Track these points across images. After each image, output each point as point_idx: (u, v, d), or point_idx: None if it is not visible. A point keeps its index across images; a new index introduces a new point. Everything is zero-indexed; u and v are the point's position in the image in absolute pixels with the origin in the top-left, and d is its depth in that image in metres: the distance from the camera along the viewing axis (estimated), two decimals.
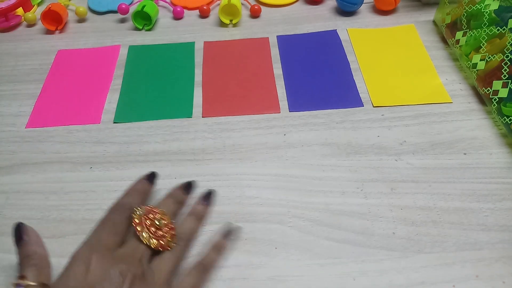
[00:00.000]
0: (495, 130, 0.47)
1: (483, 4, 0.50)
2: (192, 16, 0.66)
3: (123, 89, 0.54)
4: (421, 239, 0.38)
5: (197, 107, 0.52)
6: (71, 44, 0.62)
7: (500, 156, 0.44)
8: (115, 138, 0.48)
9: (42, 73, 0.57)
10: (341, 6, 0.63)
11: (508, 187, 0.42)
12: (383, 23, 0.62)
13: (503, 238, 0.38)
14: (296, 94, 0.52)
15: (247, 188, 0.43)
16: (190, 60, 0.58)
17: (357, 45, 0.58)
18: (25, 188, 0.44)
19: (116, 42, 0.62)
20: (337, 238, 0.38)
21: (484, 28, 0.49)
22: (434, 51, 0.57)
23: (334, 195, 0.42)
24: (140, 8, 0.62)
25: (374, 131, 0.47)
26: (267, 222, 0.40)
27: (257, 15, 0.65)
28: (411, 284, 0.35)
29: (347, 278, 0.36)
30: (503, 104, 0.46)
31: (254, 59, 0.57)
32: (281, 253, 0.38)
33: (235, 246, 0.38)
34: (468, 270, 0.36)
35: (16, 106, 0.53)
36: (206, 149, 0.47)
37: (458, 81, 0.53)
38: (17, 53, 0.61)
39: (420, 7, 0.64)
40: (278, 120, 0.49)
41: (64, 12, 0.64)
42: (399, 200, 0.41)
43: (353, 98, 0.51)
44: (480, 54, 0.49)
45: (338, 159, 0.45)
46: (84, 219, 0.41)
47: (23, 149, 0.48)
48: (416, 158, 0.44)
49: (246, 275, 0.36)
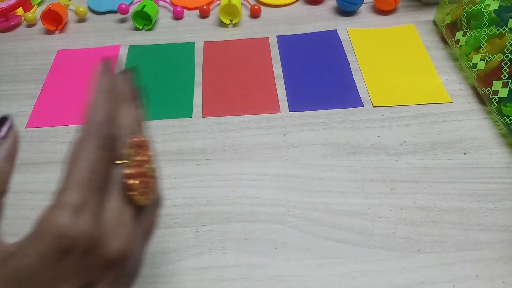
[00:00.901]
0: (495, 130, 0.47)
1: (483, 4, 0.50)
2: (192, 16, 0.66)
3: None
4: (421, 239, 0.38)
5: (197, 107, 0.52)
6: (71, 44, 0.62)
7: (500, 156, 0.44)
8: None
9: (42, 73, 0.57)
10: (341, 6, 0.63)
11: (508, 187, 0.42)
12: (383, 23, 0.62)
13: (503, 238, 0.38)
14: (296, 94, 0.52)
15: (247, 188, 0.43)
16: (190, 60, 0.58)
17: (357, 45, 0.58)
18: (26, 188, 0.44)
19: (116, 42, 0.62)
20: (337, 238, 0.39)
21: (484, 28, 0.49)
22: (434, 51, 0.57)
23: (334, 195, 0.42)
24: (140, 8, 0.62)
25: (374, 131, 0.47)
26: (267, 222, 0.40)
27: (257, 15, 0.65)
28: (411, 284, 0.35)
29: (347, 278, 0.36)
30: (503, 104, 0.46)
31: (254, 59, 0.57)
32: (281, 253, 0.38)
33: (235, 246, 0.38)
34: (468, 270, 0.36)
35: (16, 106, 0.53)
36: (206, 149, 0.47)
37: (458, 81, 0.53)
38: (17, 53, 0.61)
39: (420, 7, 0.64)
40: (278, 120, 0.49)
41: (64, 12, 0.64)
42: (399, 200, 0.41)
43: (353, 98, 0.51)
44: (480, 54, 0.49)
45: (338, 159, 0.45)
46: None
47: (23, 149, 0.48)
48: (416, 158, 0.44)
49: (247, 275, 0.36)
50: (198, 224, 0.40)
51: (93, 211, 0.21)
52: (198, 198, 0.42)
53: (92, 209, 0.21)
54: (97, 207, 0.21)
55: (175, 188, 0.43)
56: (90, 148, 0.22)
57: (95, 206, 0.21)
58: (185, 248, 0.38)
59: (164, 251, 0.38)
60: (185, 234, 0.39)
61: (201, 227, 0.40)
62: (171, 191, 0.43)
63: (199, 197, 0.42)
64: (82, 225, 0.20)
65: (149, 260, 0.38)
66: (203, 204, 0.42)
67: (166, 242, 0.39)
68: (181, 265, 0.37)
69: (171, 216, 0.41)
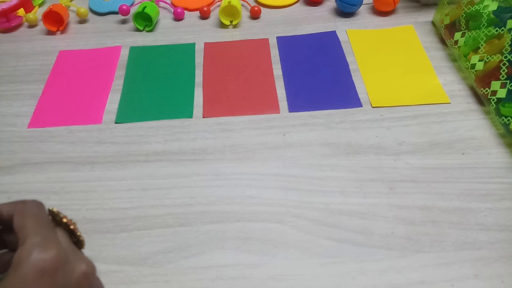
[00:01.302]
0: (493, 130, 0.47)
1: (482, 5, 0.50)
2: (193, 17, 0.66)
3: (124, 90, 0.55)
4: (420, 239, 0.38)
5: (198, 107, 0.52)
6: (72, 45, 0.62)
7: (499, 156, 0.45)
8: (116, 138, 0.49)
9: (44, 74, 0.57)
10: (340, 7, 0.64)
11: (506, 187, 0.42)
12: (382, 24, 0.62)
13: (502, 238, 0.38)
14: (296, 94, 0.52)
15: (247, 188, 0.43)
16: (191, 61, 0.58)
17: (356, 46, 0.59)
18: (26, 188, 0.44)
19: (117, 43, 0.62)
20: (337, 238, 0.39)
21: (483, 28, 0.50)
22: (433, 51, 0.57)
23: (333, 194, 0.42)
24: (141, 9, 0.62)
25: (373, 131, 0.48)
26: (267, 222, 0.40)
27: (257, 16, 0.65)
28: (410, 284, 0.35)
29: (346, 278, 0.36)
30: (502, 104, 0.46)
31: (254, 60, 0.58)
32: (281, 252, 0.38)
33: (235, 246, 0.39)
34: (467, 270, 0.36)
35: (17, 106, 0.53)
36: (206, 149, 0.47)
37: (456, 82, 0.53)
38: (19, 54, 0.61)
39: (419, 8, 0.65)
40: (278, 120, 0.50)
41: (65, 13, 0.64)
42: (398, 200, 0.41)
43: (352, 99, 0.51)
44: (479, 55, 0.49)
45: (337, 159, 0.45)
46: (85, 218, 0.41)
47: (25, 149, 0.48)
48: (415, 158, 0.45)
49: (247, 275, 0.37)
50: (199, 224, 0.40)
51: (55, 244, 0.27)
52: (198, 197, 0.42)
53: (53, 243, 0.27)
54: (56, 241, 0.28)
55: (175, 188, 0.43)
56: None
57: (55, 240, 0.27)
58: (185, 248, 0.39)
59: (164, 250, 0.39)
60: (185, 234, 0.40)
61: (201, 226, 0.40)
62: (171, 191, 0.43)
63: (199, 196, 0.42)
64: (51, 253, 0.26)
65: (150, 259, 0.38)
66: (203, 203, 0.42)
67: (166, 241, 0.39)
68: (181, 264, 0.38)
69: (172, 216, 0.41)
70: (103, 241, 0.39)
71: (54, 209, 0.32)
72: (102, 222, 0.41)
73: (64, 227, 0.32)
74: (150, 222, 0.41)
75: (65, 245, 0.29)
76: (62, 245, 0.28)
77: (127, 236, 0.40)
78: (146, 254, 0.38)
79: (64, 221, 0.31)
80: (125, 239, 0.40)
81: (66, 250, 0.28)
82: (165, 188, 0.43)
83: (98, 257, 0.38)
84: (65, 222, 0.31)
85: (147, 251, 0.39)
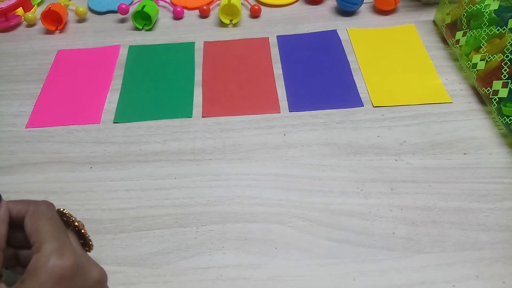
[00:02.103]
0: (495, 130, 0.47)
1: (483, 4, 0.50)
2: (192, 16, 0.66)
3: (123, 89, 0.54)
4: (421, 239, 0.38)
5: (197, 107, 0.52)
6: (71, 44, 0.62)
7: (500, 156, 0.44)
8: (115, 138, 0.48)
9: (42, 73, 0.57)
10: (341, 6, 0.63)
11: (508, 187, 0.42)
12: (383, 23, 0.62)
13: (503, 238, 0.38)
14: (296, 94, 0.52)
15: (247, 188, 0.43)
16: (190, 60, 0.58)
17: (357, 45, 0.58)
18: (25, 188, 0.44)
19: (116, 42, 0.62)
20: (337, 238, 0.38)
21: (484, 28, 0.49)
22: (434, 51, 0.57)
23: (334, 195, 0.42)
24: (140, 8, 0.62)
25: (374, 131, 0.47)
26: (267, 222, 0.40)
27: (257, 15, 0.65)
28: (411, 284, 0.35)
29: (347, 278, 0.36)
30: (503, 104, 0.46)
31: (254, 59, 0.57)
32: (281, 253, 0.38)
33: (235, 246, 0.38)
34: (468, 270, 0.36)
35: (16, 106, 0.53)
36: (206, 149, 0.47)
37: (458, 81, 0.53)
38: (17, 53, 0.61)
39: (420, 7, 0.64)
40: (278, 120, 0.49)
41: (64, 12, 0.64)
42: (399, 200, 0.41)
43: (353, 98, 0.51)
44: (480, 54, 0.49)
45: (338, 159, 0.45)
46: (84, 219, 0.41)
47: (23, 149, 0.48)
48: (416, 158, 0.44)
49: (247, 275, 0.36)
50: (198, 224, 0.40)
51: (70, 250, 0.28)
52: (198, 198, 0.42)
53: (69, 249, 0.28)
54: (72, 247, 0.29)
55: (175, 188, 0.43)
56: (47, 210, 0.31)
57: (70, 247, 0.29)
58: (185, 248, 0.38)
59: (164, 251, 0.38)
60: (185, 234, 0.39)
61: (201, 227, 0.40)
62: (171, 191, 0.43)
63: (199, 197, 0.42)
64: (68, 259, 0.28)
65: (149, 260, 0.38)
66: (203, 204, 0.42)
67: (166, 242, 0.39)
68: (181, 265, 0.37)
69: (171, 216, 0.41)
70: (102, 241, 0.39)
71: (65, 211, 0.32)
72: (101, 223, 0.41)
73: (73, 229, 0.32)
74: (149, 223, 0.40)
75: (78, 251, 0.30)
76: (77, 252, 0.29)
77: (126, 236, 0.40)
78: (145, 254, 0.38)
79: (75, 224, 0.32)
80: (124, 240, 0.39)
81: (80, 256, 0.29)
82: (165, 188, 0.43)
83: (97, 257, 0.38)
84: (76, 225, 0.32)
85: (146, 252, 0.38)
